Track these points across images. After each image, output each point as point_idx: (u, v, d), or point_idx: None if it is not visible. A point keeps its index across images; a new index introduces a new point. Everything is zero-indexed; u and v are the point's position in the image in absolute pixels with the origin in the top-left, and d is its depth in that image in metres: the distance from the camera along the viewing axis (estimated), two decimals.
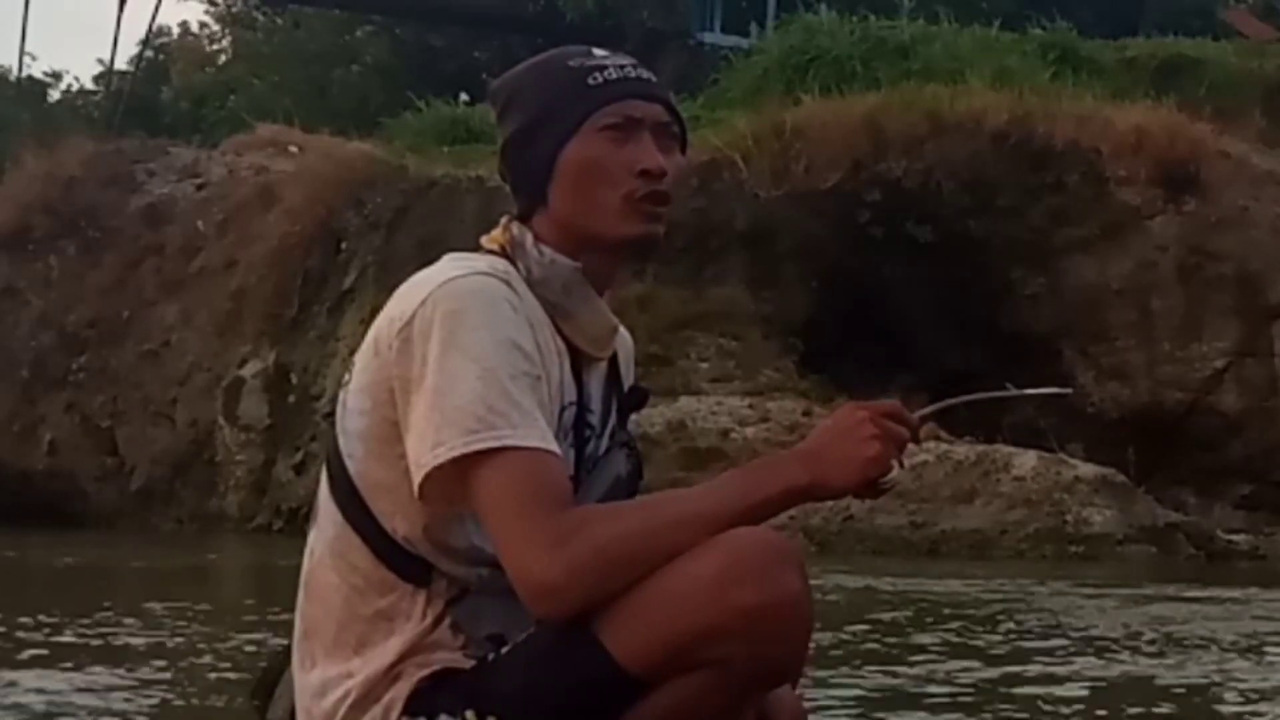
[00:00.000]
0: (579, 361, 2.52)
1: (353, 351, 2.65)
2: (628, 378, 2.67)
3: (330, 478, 2.51)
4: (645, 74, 2.58)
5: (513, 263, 2.51)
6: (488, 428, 2.32)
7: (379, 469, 2.44)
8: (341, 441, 2.48)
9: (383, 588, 2.45)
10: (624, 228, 2.51)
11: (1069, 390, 3.42)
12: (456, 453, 2.32)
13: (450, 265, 2.47)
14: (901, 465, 2.38)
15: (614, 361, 2.64)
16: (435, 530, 2.42)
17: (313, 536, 2.54)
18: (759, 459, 2.43)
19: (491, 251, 2.54)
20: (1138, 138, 16.71)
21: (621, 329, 2.67)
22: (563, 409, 2.48)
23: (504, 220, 2.58)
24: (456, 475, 2.33)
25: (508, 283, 2.44)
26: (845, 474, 2.35)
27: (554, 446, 2.36)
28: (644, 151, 2.51)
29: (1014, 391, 2.66)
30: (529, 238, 2.53)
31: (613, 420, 2.61)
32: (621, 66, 2.56)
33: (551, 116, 2.53)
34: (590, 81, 2.53)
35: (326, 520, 2.51)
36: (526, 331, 2.41)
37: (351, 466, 2.46)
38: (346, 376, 2.51)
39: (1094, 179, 16.69)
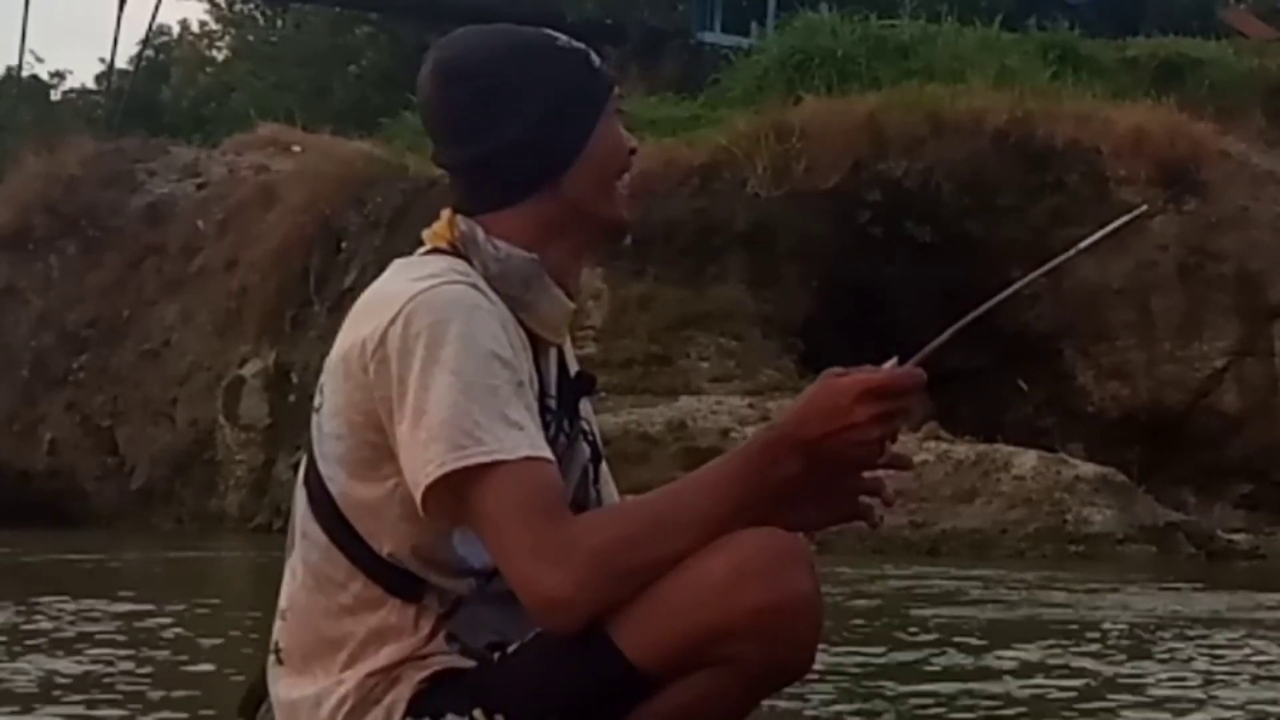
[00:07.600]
0: (536, 349, 2.47)
1: None
2: (571, 362, 2.60)
3: (311, 500, 2.46)
4: None
5: (467, 260, 2.45)
6: (476, 443, 2.27)
7: (361, 490, 2.39)
8: (321, 466, 2.43)
9: (374, 605, 2.40)
10: (627, 210, 2.54)
11: (1050, 266, 3.12)
12: (447, 469, 2.27)
13: (411, 274, 2.41)
14: (893, 440, 2.38)
15: (560, 347, 2.57)
16: (423, 549, 2.39)
17: (293, 558, 2.48)
18: (753, 447, 2.36)
19: (440, 250, 2.48)
20: (1138, 138, 16.71)
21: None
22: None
23: (446, 214, 2.51)
24: (451, 491, 2.29)
25: (475, 286, 2.38)
26: (839, 467, 2.36)
27: (546, 452, 2.31)
28: (624, 133, 2.53)
29: (1000, 296, 2.66)
30: (480, 233, 2.46)
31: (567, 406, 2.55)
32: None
33: (572, 102, 2.47)
34: (593, 63, 2.51)
35: (308, 542, 2.45)
36: (502, 335, 2.35)
37: (334, 489, 2.41)
38: (318, 399, 2.43)
39: (1094, 179, 16.69)
